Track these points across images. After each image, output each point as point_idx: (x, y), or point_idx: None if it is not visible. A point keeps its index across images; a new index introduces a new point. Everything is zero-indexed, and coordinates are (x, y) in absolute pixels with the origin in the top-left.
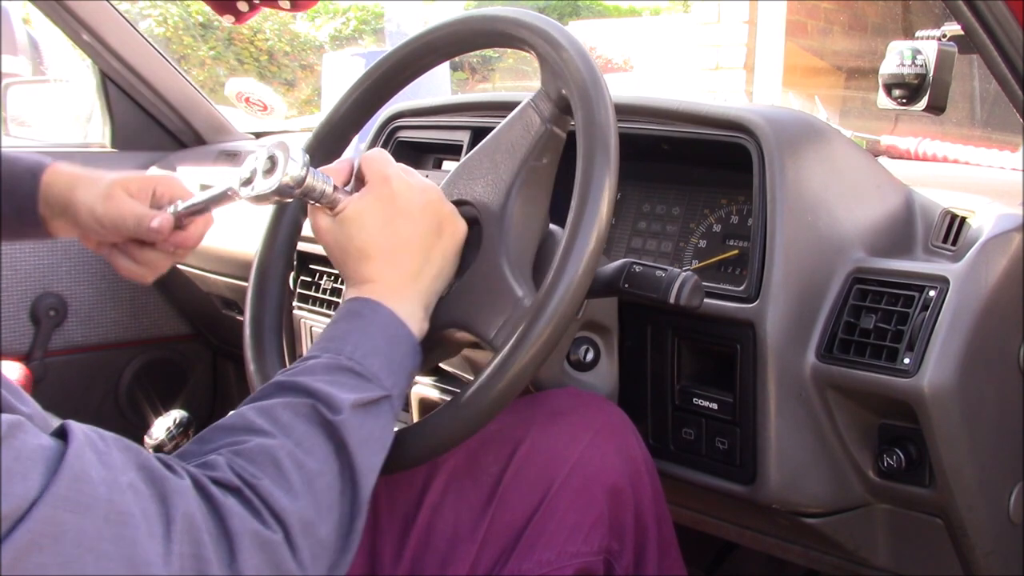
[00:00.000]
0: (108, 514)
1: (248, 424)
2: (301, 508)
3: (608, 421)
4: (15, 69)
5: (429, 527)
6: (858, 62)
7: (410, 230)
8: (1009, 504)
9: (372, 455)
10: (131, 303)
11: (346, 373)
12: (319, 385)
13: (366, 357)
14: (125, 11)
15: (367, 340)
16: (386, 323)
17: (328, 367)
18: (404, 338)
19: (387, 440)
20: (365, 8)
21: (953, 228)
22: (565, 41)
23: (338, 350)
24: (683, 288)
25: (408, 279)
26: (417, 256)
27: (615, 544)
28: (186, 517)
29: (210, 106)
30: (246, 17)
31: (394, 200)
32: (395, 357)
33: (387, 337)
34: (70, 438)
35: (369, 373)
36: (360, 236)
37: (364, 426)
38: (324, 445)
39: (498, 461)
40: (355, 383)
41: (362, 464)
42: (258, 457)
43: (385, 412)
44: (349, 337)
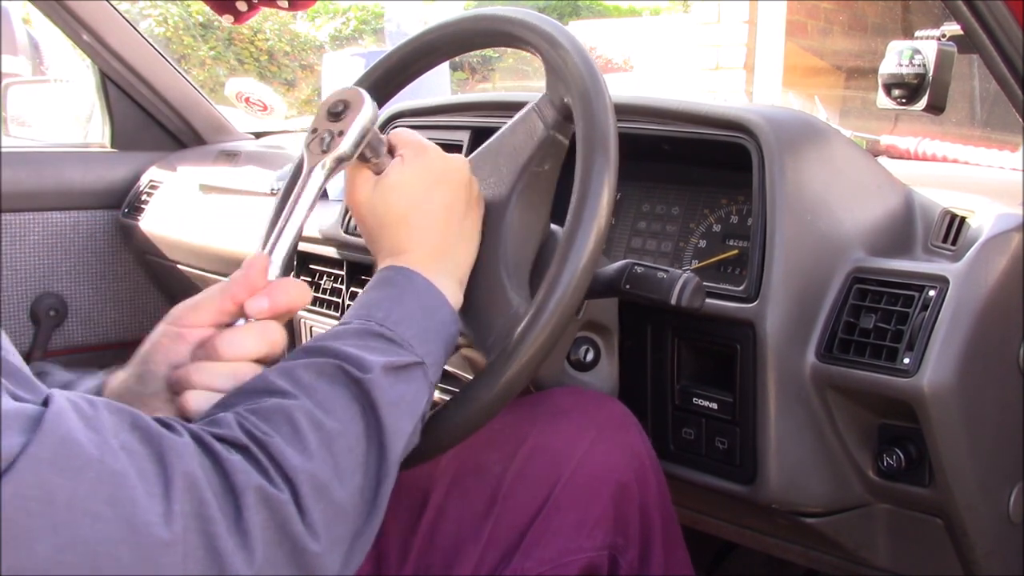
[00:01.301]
0: (100, 475)
1: (267, 385)
2: (314, 468)
3: (612, 418)
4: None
5: (434, 527)
6: (858, 62)
7: (449, 200)
8: (1009, 504)
9: (402, 418)
10: (131, 303)
11: (377, 338)
12: (347, 348)
13: (399, 324)
14: (125, 11)
15: (400, 307)
16: (421, 291)
17: (358, 332)
18: (440, 307)
19: (419, 407)
20: (365, 8)
21: (953, 228)
22: (565, 41)
23: (369, 316)
24: (685, 289)
25: (445, 250)
26: (454, 227)
27: (620, 540)
28: (186, 475)
29: (210, 106)
30: (245, 17)
31: (433, 169)
32: (430, 326)
33: (422, 305)
34: (50, 403)
35: (401, 339)
36: (400, 204)
37: (395, 388)
38: (349, 405)
39: (502, 460)
40: (386, 347)
41: (391, 426)
42: (272, 415)
43: (418, 379)
44: (381, 304)
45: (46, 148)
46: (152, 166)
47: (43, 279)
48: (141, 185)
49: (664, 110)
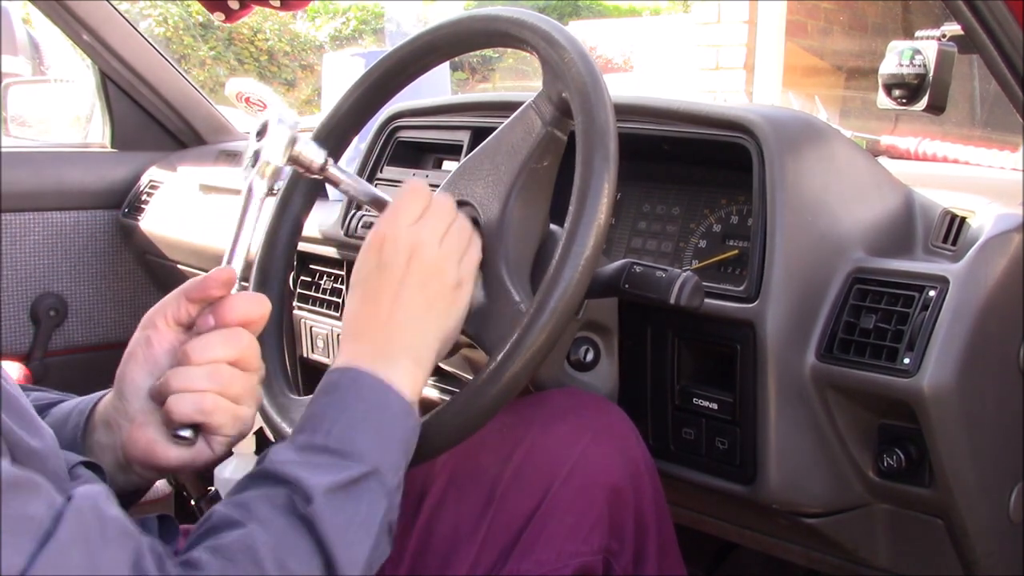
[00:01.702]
0: None
1: (224, 520)
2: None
3: (608, 421)
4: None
5: (429, 528)
6: (858, 62)
7: (397, 274)
8: (1009, 504)
9: (354, 543)
10: (131, 303)
11: (322, 454)
12: (293, 472)
13: (344, 432)
14: (125, 11)
15: (344, 414)
16: (365, 392)
17: (303, 448)
18: (391, 403)
19: (373, 522)
20: (365, 8)
21: (953, 228)
22: (565, 42)
23: (314, 428)
24: (684, 288)
25: (394, 334)
26: (407, 303)
27: (615, 544)
28: None
29: (210, 106)
30: (236, 16)
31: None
32: (381, 427)
33: (369, 407)
34: (62, 523)
35: (347, 450)
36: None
37: (343, 511)
38: (304, 541)
39: (498, 462)
40: (332, 463)
41: (342, 556)
42: (238, 555)
43: (372, 490)
44: (327, 414)
45: (46, 148)
46: (152, 166)
47: (43, 279)
48: (141, 185)
49: (664, 110)
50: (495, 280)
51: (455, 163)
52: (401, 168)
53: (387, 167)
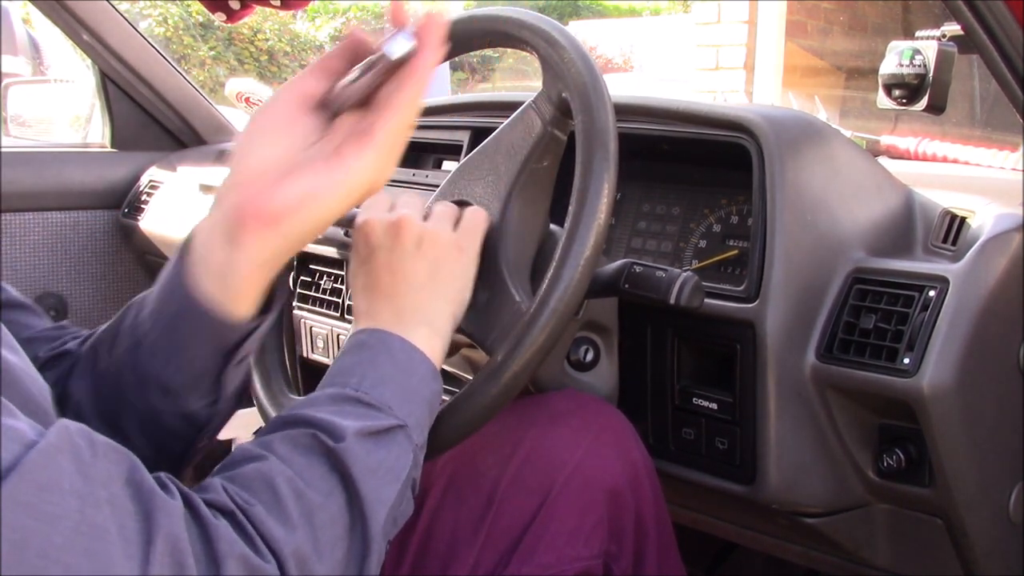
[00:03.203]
0: (79, 526)
1: (244, 454)
2: (298, 541)
3: (608, 424)
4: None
5: (429, 531)
6: (858, 62)
7: (416, 259)
8: (1009, 504)
9: (382, 486)
10: None
11: (352, 403)
12: (320, 415)
13: (375, 387)
14: (125, 11)
15: (375, 370)
16: (396, 352)
17: (333, 398)
18: (418, 366)
19: (401, 472)
20: (365, 8)
21: (953, 228)
22: (565, 42)
23: (344, 382)
24: (683, 288)
25: (418, 306)
26: (428, 283)
27: (614, 547)
28: (169, 538)
29: (210, 106)
30: (238, 16)
31: (396, 231)
32: (409, 386)
33: (398, 366)
34: (47, 435)
35: (378, 402)
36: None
37: (372, 455)
38: (327, 476)
39: (497, 464)
40: (363, 412)
41: (370, 495)
42: (254, 482)
43: (399, 442)
44: (355, 369)
45: (46, 148)
46: (152, 166)
47: (43, 279)
48: (141, 185)
49: (664, 110)
50: (495, 280)
51: (455, 163)
52: (401, 168)
53: None
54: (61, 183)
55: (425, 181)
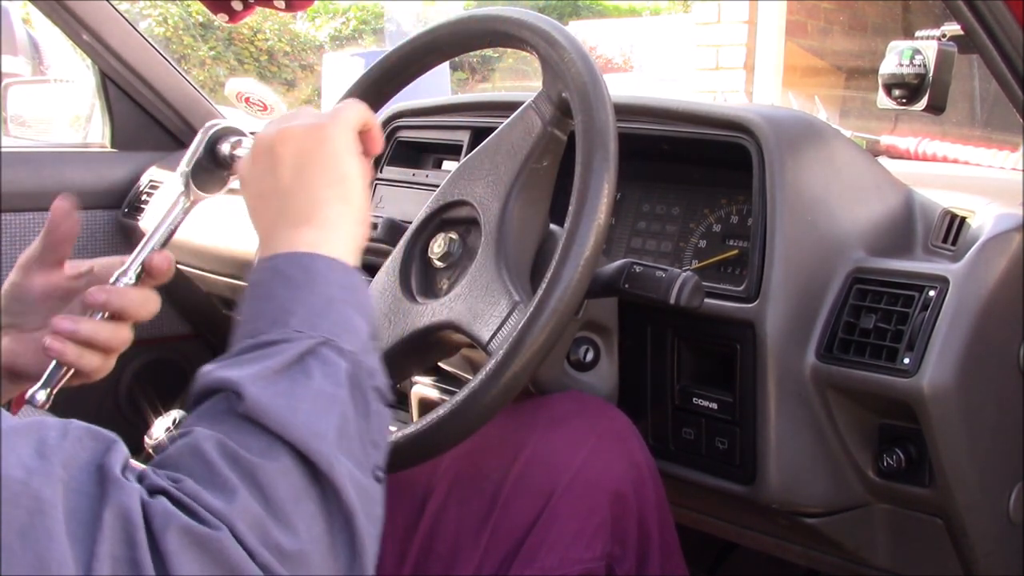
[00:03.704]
0: (19, 498)
1: (171, 438)
2: (243, 503)
3: (611, 426)
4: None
5: (431, 533)
6: (858, 62)
7: (288, 162)
8: (1009, 504)
9: (314, 419)
10: None
11: (252, 350)
12: (216, 374)
13: (273, 322)
14: (125, 11)
15: (268, 302)
16: (282, 270)
17: (235, 353)
18: (318, 268)
19: (335, 390)
20: (365, 8)
21: (953, 228)
22: (565, 42)
23: (241, 338)
24: (683, 288)
25: (288, 210)
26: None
27: (617, 549)
28: (120, 520)
29: (210, 106)
30: (240, 16)
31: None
32: (313, 297)
33: (291, 284)
34: (6, 423)
35: (280, 336)
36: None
37: (283, 394)
38: (253, 436)
39: (500, 467)
40: (263, 354)
41: (301, 437)
42: (181, 458)
43: (324, 360)
44: (247, 318)
45: (46, 148)
46: (152, 166)
47: None
48: (141, 185)
49: (664, 110)
50: (495, 280)
51: (455, 163)
52: (401, 168)
53: (387, 167)
54: (61, 183)
55: (425, 181)
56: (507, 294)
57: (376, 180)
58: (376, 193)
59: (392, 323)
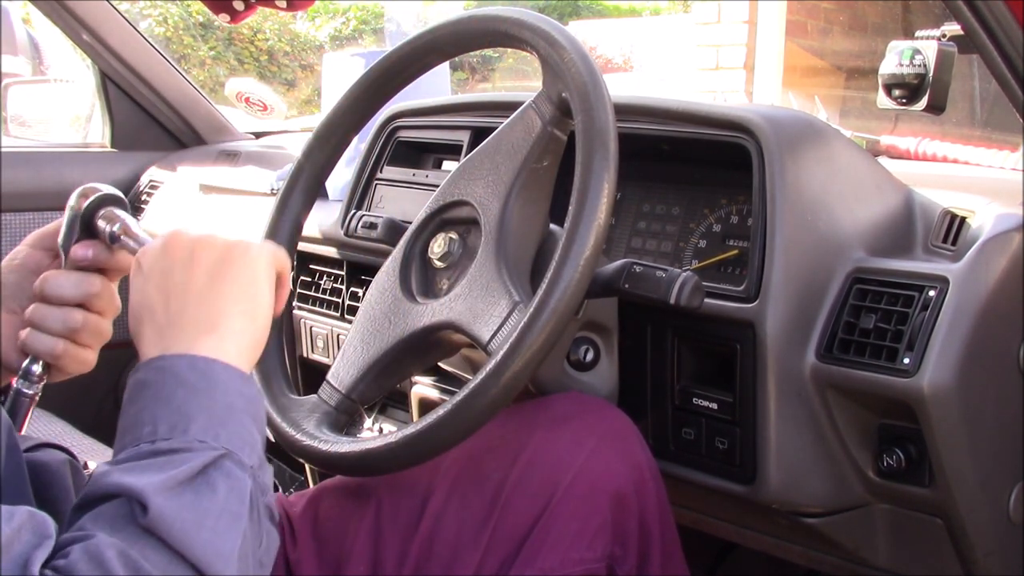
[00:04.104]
0: None
1: (68, 540)
2: None
3: (612, 427)
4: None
5: (432, 534)
6: (858, 62)
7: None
8: (1009, 504)
9: (220, 535)
10: None
11: (151, 456)
12: (118, 478)
13: (173, 427)
14: (125, 11)
15: (166, 406)
16: (184, 374)
17: (131, 458)
18: (218, 375)
19: (238, 509)
20: (365, 8)
21: (953, 228)
22: (566, 42)
23: (135, 439)
24: (683, 288)
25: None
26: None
27: (618, 549)
28: None
29: (210, 106)
30: (242, 16)
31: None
32: (214, 405)
33: (191, 388)
34: None
35: (180, 444)
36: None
37: (191, 507)
38: (155, 550)
39: (501, 467)
40: (165, 461)
41: (204, 557)
42: (79, 563)
43: (227, 474)
44: (143, 415)
45: (46, 148)
46: (152, 166)
47: None
48: (141, 185)
49: (664, 110)
50: (495, 280)
51: (455, 163)
52: (401, 168)
53: (387, 167)
54: (61, 183)
55: (425, 181)
56: (507, 294)
57: (376, 180)
58: (376, 193)
59: (392, 323)
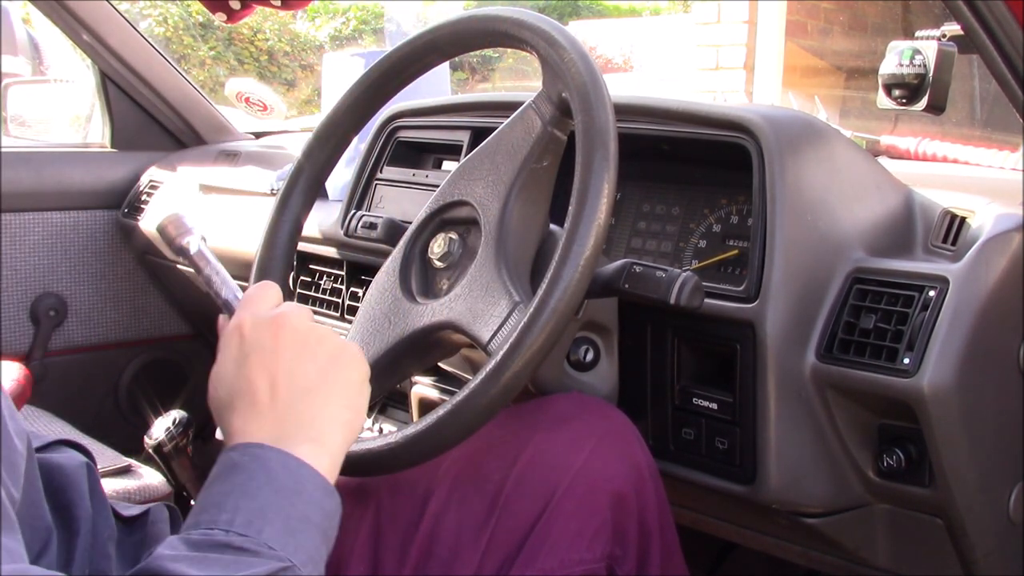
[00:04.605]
0: None
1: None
2: None
3: (611, 427)
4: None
5: (432, 535)
6: (858, 62)
7: (308, 364)
8: (1009, 504)
9: None
10: (131, 303)
11: (220, 549)
12: (182, 569)
13: (251, 522)
14: (125, 11)
15: (250, 499)
16: (276, 471)
17: (197, 545)
18: (306, 482)
19: None
20: (365, 8)
21: (953, 228)
22: (565, 42)
23: (213, 521)
24: (683, 289)
25: (304, 415)
26: (319, 392)
27: (618, 550)
28: None
29: (210, 106)
30: (238, 16)
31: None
32: (294, 512)
33: (279, 489)
34: None
35: (254, 544)
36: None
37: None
38: None
39: (501, 468)
40: (232, 560)
41: None
42: None
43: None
44: (226, 501)
45: (46, 148)
46: (152, 166)
47: (43, 279)
48: (141, 185)
49: (664, 110)
50: (495, 280)
51: (455, 163)
52: (401, 168)
53: (387, 167)
54: (61, 183)
55: (425, 181)
56: (507, 294)
57: (376, 180)
58: (376, 193)
59: (392, 323)
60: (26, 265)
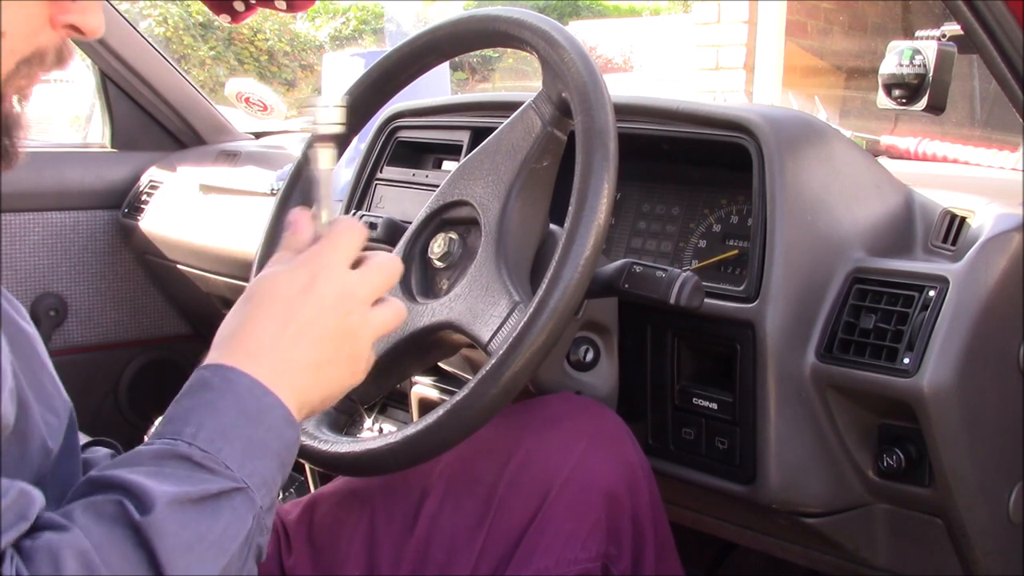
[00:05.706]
0: None
1: (46, 522)
2: None
3: (604, 427)
4: None
5: (427, 536)
6: (858, 62)
7: (330, 314)
8: (1009, 504)
9: (199, 563)
10: (131, 303)
11: (180, 462)
12: (135, 477)
13: (213, 440)
14: (125, 11)
15: (215, 416)
16: (243, 394)
17: (158, 454)
18: (270, 410)
19: (230, 543)
20: (365, 8)
21: (953, 228)
22: (565, 42)
23: (176, 432)
24: (683, 288)
25: (283, 341)
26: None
27: (612, 549)
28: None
29: (210, 106)
30: (242, 17)
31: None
32: (256, 436)
33: (245, 411)
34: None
35: (212, 461)
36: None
37: (189, 527)
38: (129, 553)
39: (495, 469)
40: (187, 473)
41: (173, 573)
42: (38, 553)
43: (235, 507)
44: (191, 416)
45: (46, 148)
46: (152, 166)
47: (43, 279)
48: (141, 185)
49: (664, 110)
50: (495, 280)
51: (455, 163)
52: (401, 168)
53: (387, 167)
54: (61, 183)
55: (425, 181)
56: (507, 294)
57: (376, 180)
58: (376, 193)
59: None
60: (26, 265)
